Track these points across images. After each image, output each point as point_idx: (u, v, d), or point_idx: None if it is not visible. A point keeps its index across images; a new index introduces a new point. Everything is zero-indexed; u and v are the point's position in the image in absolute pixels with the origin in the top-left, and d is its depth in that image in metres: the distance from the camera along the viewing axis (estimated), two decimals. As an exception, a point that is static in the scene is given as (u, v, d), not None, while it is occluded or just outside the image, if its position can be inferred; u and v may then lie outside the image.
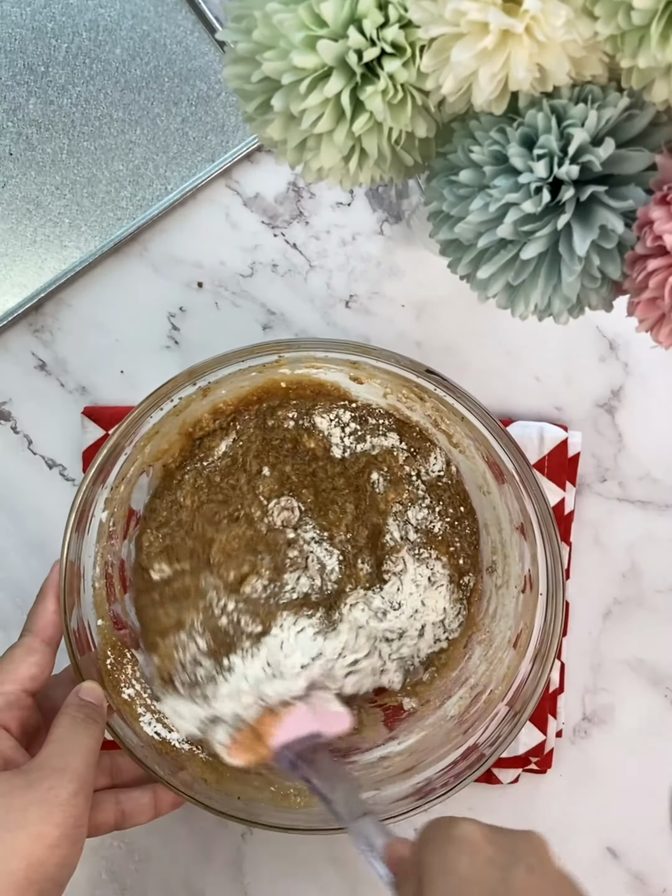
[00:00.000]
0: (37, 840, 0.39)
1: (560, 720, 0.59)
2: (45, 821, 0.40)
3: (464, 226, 0.37)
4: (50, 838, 0.40)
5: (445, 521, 0.56)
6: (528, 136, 0.35)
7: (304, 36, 0.33)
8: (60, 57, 0.58)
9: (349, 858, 0.59)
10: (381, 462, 0.55)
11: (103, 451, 0.48)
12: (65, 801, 0.40)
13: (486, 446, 0.50)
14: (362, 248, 0.60)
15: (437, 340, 0.60)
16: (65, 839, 0.40)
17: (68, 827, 0.40)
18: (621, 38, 0.32)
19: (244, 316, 0.59)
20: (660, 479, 0.60)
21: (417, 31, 0.33)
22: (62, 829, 0.40)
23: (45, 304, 0.59)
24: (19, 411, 0.59)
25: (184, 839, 0.59)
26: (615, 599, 0.60)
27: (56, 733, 0.43)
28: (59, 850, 0.40)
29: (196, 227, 0.59)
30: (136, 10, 0.59)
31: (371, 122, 0.35)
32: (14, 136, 0.58)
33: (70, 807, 0.41)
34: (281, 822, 0.48)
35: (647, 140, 0.35)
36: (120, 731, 0.48)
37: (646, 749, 0.60)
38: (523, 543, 0.52)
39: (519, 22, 0.31)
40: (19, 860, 0.39)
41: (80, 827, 0.41)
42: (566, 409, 0.60)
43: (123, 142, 0.59)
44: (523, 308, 0.38)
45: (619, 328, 0.59)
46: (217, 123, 0.59)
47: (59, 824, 0.40)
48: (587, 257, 0.36)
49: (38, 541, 0.59)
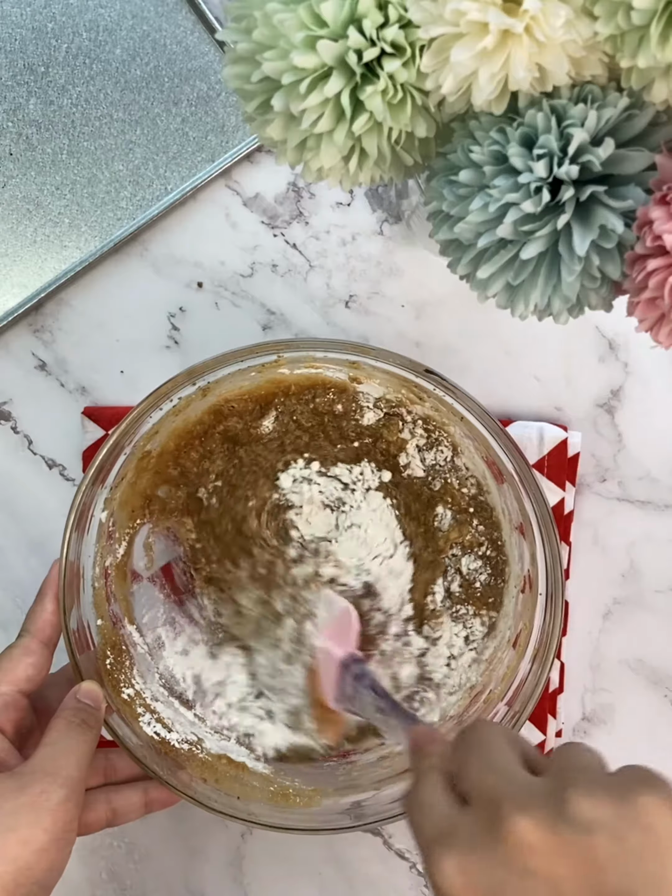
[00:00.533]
0: (25, 844, 0.39)
1: (560, 720, 0.59)
2: (34, 825, 0.40)
3: (464, 226, 0.37)
4: (39, 843, 0.40)
5: (488, 569, 0.55)
6: (528, 136, 0.35)
7: (304, 36, 0.33)
8: (60, 57, 0.58)
9: (349, 858, 0.59)
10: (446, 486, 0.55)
11: (103, 450, 0.48)
12: (55, 805, 0.40)
13: (485, 446, 0.50)
14: (362, 248, 0.60)
15: (436, 340, 0.60)
16: (53, 844, 0.40)
17: (58, 832, 0.40)
18: (621, 38, 0.32)
19: (244, 316, 0.59)
20: (660, 479, 0.60)
21: (417, 31, 0.33)
22: (51, 833, 0.40)
23: (46, 304, 0.59)
24: (19, 411, 0.59)
25: (184, 839, 0.59)
26: (615, 599, 0.60)
27: (50, 736, 0.43)
28: (48, 854, 0.40)
29: (196, 228, 0.59)
30: (136, 10, 0.59)
31: (371, 122, 0.35)
32: (14, 136, 0.58)
33: (61, 812, 0.40)
34: (281, 822, 0.48)
35: (646, 140, 0.35)
36: (119, 731, 0.48)
37: (646, 749, 0.60)
38: (523, 543, 0.52)
39: (519, 22, 0.31)
40: (7, 864, 0.39)
41: (70, 832, 0.41)
42: (566, 409, 0.60)
43: (123, 142, 0.59)
44: (523, 308, 0.38)
45: (619, 328, 0.60)
46: (217, 123, 0.59)
47: (48, 829, 0.40)
48: (587, 257, 0.36)
49: (38, 541, 0.59)
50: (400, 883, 0.59)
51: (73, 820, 0.41)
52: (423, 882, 0.59)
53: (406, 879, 0.59)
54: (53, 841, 0.40)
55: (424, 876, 0.58)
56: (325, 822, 0.49)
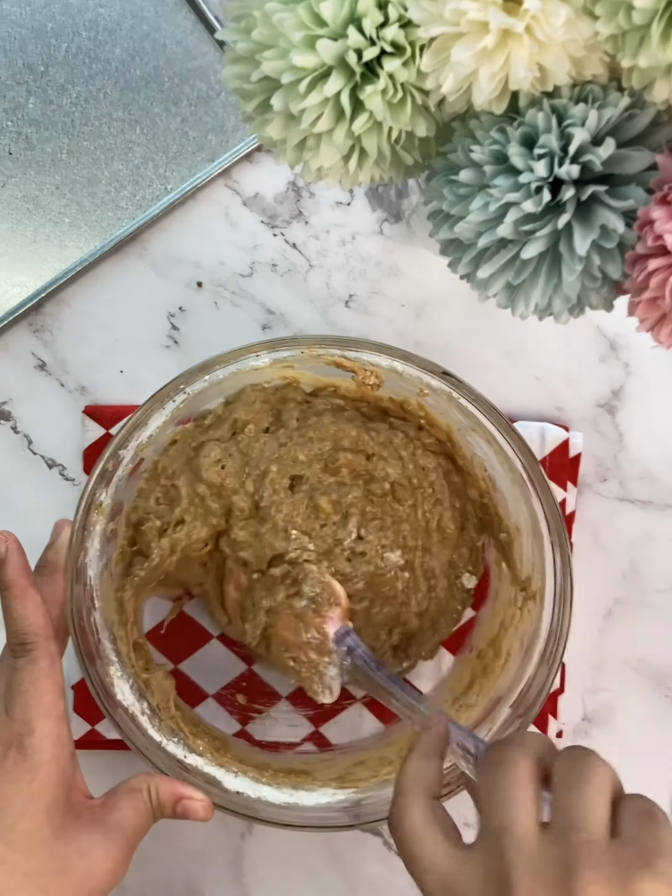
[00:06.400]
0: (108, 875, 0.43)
1: (560, 721, 0.59)
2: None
3: (464, 225, 0.37)
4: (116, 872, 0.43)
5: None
6: (529, 135, 0.35)
7: (304, 35, 0.33)
8: (60, 57, 0.58)
9: (349, 858, 0.59)
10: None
11: (107, 451, 0.48)
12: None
13: (501, 454, 0.50)
14: (362, 248, 0.60)
15: (436, 340, 0.60)
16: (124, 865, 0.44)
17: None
18: (622, 38, 0.32)
19: (244, 316, 0.59)
20: (660, 479, 0.60)
21: (417, 30, 0.33)
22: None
23: (46, 303, 0.59)
24: (19, 411, 0.59)
25: (184, 839, 0.59)
26: (615, 599, 0.60)
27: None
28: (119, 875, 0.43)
29: (196, 227, 0.59)
30: (136, 10, 0.58)
31: (371, 121, 0.35)
32: (14, 135, 0.58)
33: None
34: (280, 819, 0.48)
35: (647, 140, 0.35)
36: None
37: (646, 749, 0.60)
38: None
39: (519, 21, 0.31)
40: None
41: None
42: (566, 409, 0.60)
43: (123, 141, 0.58)
44: (523, 308, 0.38)
45: (620, 328, 0.59)
46: (217, 123, 0.59)
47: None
48: (588, 257, 0.36)
49: (38, 541, 0.59)
50: (400, 883, 0.59)
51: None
52: (423, 882, 0.59)
53: (406, 879, 0.58)
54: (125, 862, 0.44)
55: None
56: (323, 819, 0.49)
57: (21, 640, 0.43)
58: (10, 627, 0.44)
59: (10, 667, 0.43)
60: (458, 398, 0.49)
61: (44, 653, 0.43)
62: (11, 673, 0.43)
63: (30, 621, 0.43)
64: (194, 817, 0.46)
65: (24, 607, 0.44)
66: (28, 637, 0.43)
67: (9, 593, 0.44)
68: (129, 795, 0.44)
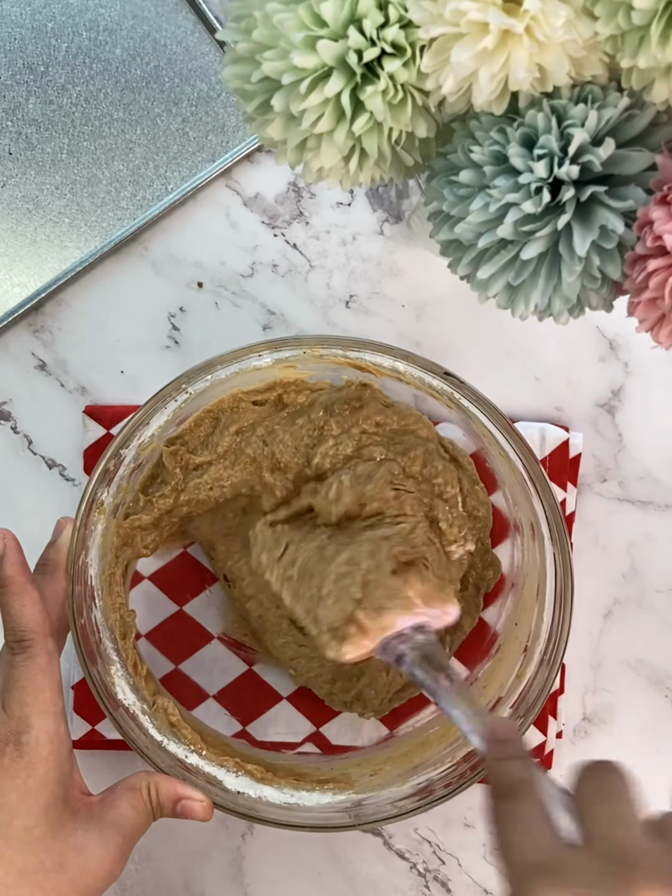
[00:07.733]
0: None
1: (560, 721, 0.59)
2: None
3: (464, 226, 0.37)
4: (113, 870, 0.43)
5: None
6: (528, 136, 0.35)
7: (304, 36, 0.33)
8: (60, 57, 0.58)
9: (349, 858, 0.59)
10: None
11: (109, 450, 0.48)
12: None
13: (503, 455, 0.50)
14: (362, 248, 0.60)
15: (437, 341, 0.60)
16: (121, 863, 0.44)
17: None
18: (621, 38, 0.32)
19: (244, 316, 0.59)
20: (660, 479, 0.60)
21: (417, 31, 0.33)
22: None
23: (46, 304, 0.59)
24: (19, 411, 0.59)
25: (184, 839, 0.59)
26: (615, 599, 0.60)
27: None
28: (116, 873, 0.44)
29: (196, 227, 0.59)
30: (136, 10, 0.59)
31: (371, 122, 0.35)
32: (14, 135, 0.58)
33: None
34: (281, 818, 0.48)
35: (647, 140, 0.35)
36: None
37: (646, 749, 0.60)
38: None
39: (519, 22, 0.31)
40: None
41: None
42: (566, 409, 0.60)
43: (123, 142, 0.59)
44: (523, 308, 0.38)
45: (620, 328, 0.59)
46: (217, 123, 0.59)
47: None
48: (587, 257, 0.36)
49: (38, 540, 0.59)
50: (400, 883, 0.59)
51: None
52: (423, 882, 0.59)
53: (406, 879, 0.59)
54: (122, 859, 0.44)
55: (425, 876, 0.58)
56: (324, 820, 0.49)
57: (18, 637, 0.43)
58: (8, 624, 0.44)
59: (7, 663, 0.43)
60: (460, 399, 0.49)
61: (41, 650, 0.43)
62: (9, 669, 0.43)
63: (27, 618, 0.44)
64: (194, 817, 0.46)
65: (21, 604, 0.44)
66: (25, 634, 0.43)
67: (6, 590, 0.44)
68: (128, 793, 0.44)
